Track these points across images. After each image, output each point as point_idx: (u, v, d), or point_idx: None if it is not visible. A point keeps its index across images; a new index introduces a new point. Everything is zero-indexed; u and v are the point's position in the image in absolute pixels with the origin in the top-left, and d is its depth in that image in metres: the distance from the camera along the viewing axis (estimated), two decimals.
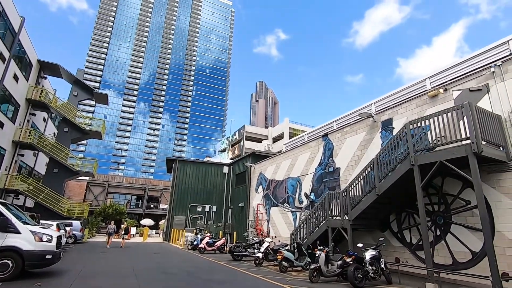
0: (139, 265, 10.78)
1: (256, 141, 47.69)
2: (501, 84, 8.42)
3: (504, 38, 8.87)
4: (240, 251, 12.99)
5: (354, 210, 10.61)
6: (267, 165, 21.11)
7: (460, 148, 7.64)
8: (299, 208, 16.57)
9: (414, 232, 10.24)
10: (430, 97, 10.35)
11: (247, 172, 23.78)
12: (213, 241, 16.43)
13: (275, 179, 19.60)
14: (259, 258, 11.44)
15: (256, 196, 21.89)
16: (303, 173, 16.73)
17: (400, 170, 9.14)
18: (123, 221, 36.39)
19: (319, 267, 8.33)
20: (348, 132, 13.97)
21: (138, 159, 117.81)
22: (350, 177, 13.28)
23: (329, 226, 11.57)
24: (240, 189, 24.92)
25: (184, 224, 25.05)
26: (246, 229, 21.63)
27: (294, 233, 13.89)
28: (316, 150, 15.96)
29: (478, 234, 8.41)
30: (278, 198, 18.74)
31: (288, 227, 17.23)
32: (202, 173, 27.41)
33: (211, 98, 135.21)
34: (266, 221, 19.82)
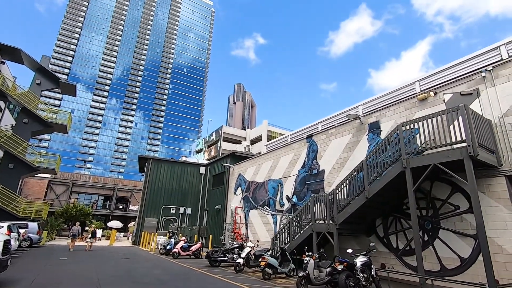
0: (104, 273, 9.57)
1: (233, 142, 46.82)
2: (492, 89, 8.40)
3: (496, 44, 8.93)
4: (218, 256, 12.10)
5: (341, 214, 10.18)
6: (247, 166, 20.39)
7: (455, 151, 7.43)
8: (280, 211, 16.00)
9: (401, 237, 10.00)
10: (419, 100, 10.23)
11: (226, 173, 22.89)
12: (188, 245, 15.36)
13: (255, 181, 18.92)
14: (240, 264, 10.66)
15: (234, 198, 21.06)
16: (285, 175, 16.21)
17: (391, 173, 8.83)
18: (88, 223, 33.83)
19: (308, 275, 7.73)
20: (334, 134, 13.66)
21: (107, 157, 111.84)
22: (335, 179, 12.94)
23: (314, 230, 11.07)
24: (217, 190, 23.94)
25: (156, 227, 23.56)
26: (223, 233, 20.70)
27: (276, 237, 13.26)
28: (300, 151, 15.52)
29: (467, 240, 8.28)
30: (258, 201, 18.07)
31: (268, 230, 16.59)
32: (177, 173, 26.08)
33: (188, 97, 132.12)
34: (244, 224, 19.04)
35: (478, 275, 7.84)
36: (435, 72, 10.55)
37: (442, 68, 10.28)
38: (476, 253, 8.00)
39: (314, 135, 14.83)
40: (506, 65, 8.25)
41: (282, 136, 18.86)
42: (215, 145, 48.39)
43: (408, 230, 9.81)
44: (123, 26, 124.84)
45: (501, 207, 7.72)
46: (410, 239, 9.68)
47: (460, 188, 8.66)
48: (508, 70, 8.16)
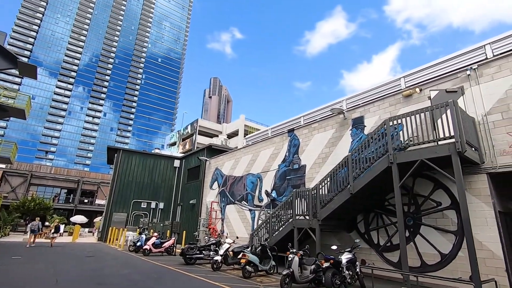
0: (64, 274, 8.54)
1: (209, 136, 45.70)
2: (476, 88, 8.48)
3: (481, 43, 9.05)
4: (194, 253, 11.42)
5: (324, 210, 9.93)
6: (224, 160, 19.71)
7: (443, 147, 7.37)
8: (258, 206, 15.57)
9: (382, 233, 9.96)
10: (404, 97, 10.20)
11: (202, 166, 22.04)
12: (160, 241, 14.45)
13: (233, 175, 18.33)
14: (218, 262, 10.07)
15: (210, 192, 20.32)
16: (265, 169, 15.79)
17: (377, 168, 8.67)
18: (49, 217, 31.32)
19: (292, 273, 7.35)
20: (316, 128, 13.41)
21: (71, 148, 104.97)
22: (317, 175, 12.72)
23: (295, 226, 10.75)
24: (192, 185, 23.03)
25: (125, 222, 22.19)
26: (197, 228, 19.92)
27: (255, 233, 12.81)
28: (281, 146, 15.15)
29: (448, 236, 8.35)
30: (236, 196, 17.51)
31: (245, 226, 16.12)
32: (149, 166, 24.74)
33: (162, 89, 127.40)
34: (220, 219, 18.41)
35: (458, 271, 7.93)
36: (420, 69, 10.59)
37: (427, 65, 10.33)
38: (456, 249, 8.08)
39: (296, 129, 14.52)
40: (490, 64, 8.35)
41: (262, 130, 18.41)
42: (190, 139, 46.96)
43: (389, 226, 9.79)
44: (93, 10, 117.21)
45: (482, 203, 7.82)
46: (391, 235, 9.66)
47: (442, 185, 8.72)
48: (493, 69, 8.27)
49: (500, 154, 7.72)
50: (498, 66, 8.18)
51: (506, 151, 7.64)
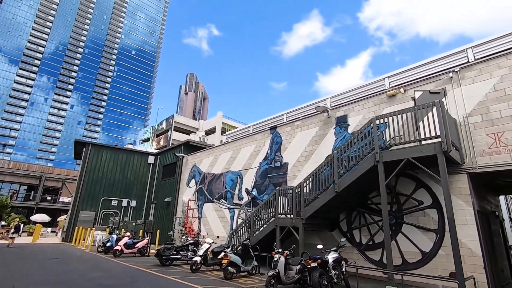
0: (23, 279, 7.61)
1: (185, 133, 44.46)
2: (458, 90, 8.70)
3: (464, 46, 9.31)
4: (170, 254, 10.78)
5: (308, 208, 9.76)
6: (202, 157, 19.07)
7: (429, 147, 7.44)
8: (238, 205, 15.16)
9: (364, 232, 9.98)
10: (388, 96, 10.29)
11: (178, 163, 21.19)
12: (133, 241, 13.58)
13: (211, 172, 17.76)
14: (197, 263, 9.55)
15: (187, 190, 19.57)
16: (246, 167, 15.41)
17: (363, 167, 8.63)
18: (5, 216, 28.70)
19: (278, 273, 7.06)
20: (300, 126, 13.26)
21: (33, 142, 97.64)
22: (299, 173, 12.57)
23: (278, 225, 10.50)
24: (167, 182, 22.09)
25: (93, 221, 20.77)
26: (172, 228, 19.11)
27: (234, 232, 12.41)
28: (262, 143, 14.85)
29: (429, 234, 8.49)
30: (214, 194, 16.97)
31: (224, 225, 15.65)
32: (121, 161, 23.39)
33: (135, 82, 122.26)
34: (197, 218, 17.77)
35: (438, 269, 8.07)
36: (404, 69, 10.75)
37: (411, 66, 10.51)
38: (437, 247, 8.22)
39: (279, 126, 14.29)
40: (472, 67, 8.60)
41: (243, 127, 18.00)
42: (165, 135, 45.41)
43: (372, 225, 9.83)
44: None
45: (462, 202, 8.01)
46: (373, 234, 9.70)
47: (424, 184, 8.86)
48: (474, 73, 8.51)
49: (480, 154, 7.95)
50: (479, 70, 8.44)
51: (486, 152, 7.88)
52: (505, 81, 7.93)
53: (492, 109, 8.00)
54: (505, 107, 7.79)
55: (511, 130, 7.59)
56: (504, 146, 7.62)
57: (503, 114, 7.79)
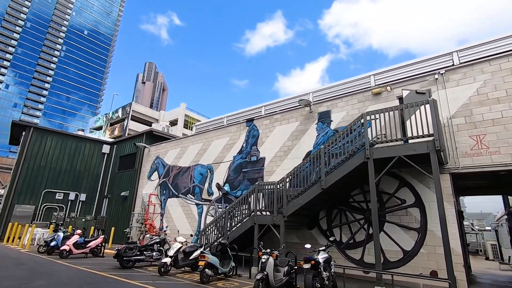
0: None
1: (144, 123, 41.47)
2: (442, 91, 8.86)
3: (449, 50, 9.53)
4: (133, 254, 9.43)
5: (291, 205, 9.24)
6: (168, 148, 17.57)
7: (422, 145, 7.36)
8: (207, 200, 14.14)
9: (345, 230, 9.77)
10: (373, 94, 10.22)
11: (139, 154, 19.32)
12: (84, 240, 11.78)
13: (177, 165, 16.41)
14: (167, 264, 8.41)
15: (148, 184, 17.88)
16: (218, 160, 14.44)
17: (352, 163, 8.34)
18: None
19: (267, 276, 6.37)
20: (279, 120, 12.72)
21: None
22: (277, 168, 12.04)
23: (256, 223, 9.82)
24: (125, 174, 20.03)
25: (32, 217, 17.92)
26: (129, 225, 17.32)
27: (206, 230, 11.43)
28: (237, 136, 14.02)
29: (411, 233, 8.51)
30: (180, 188, 15.68)
31: (191, 222, 14.50)
32: (70, 149, 20.62)
33: (87, 66, 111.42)
34: (159, 214, 16.28)
35: (419, 267, 8.10)
36: (390, 68, 10.80)
37: (398, 65, 10.57)
38: (418, 246, 8.26)
39: (256, 119, 13.59)
40: (456, 70, 8.81)
41: (216, 118, 16.93)
42: (121, 124, 41.85)
43: (353, 223, 9.65)
44: None
45: (445, 202, 8.07)
46: (354, 232, 9.53)
47: (407, 183, 8.89)
48: (458, 76, 8.73)
49: (462, 155, 8.14)
50: (464, 73, 8.67)
51: (468, 153, 8.08)
52: (487, 86, 8.21)
53: (475, 112, 8.24)
54: (487, 111, 8.06)
55: (492, 133, 7.86)
56: (485, 148, 7.87)
57: (485, 117, 8.05)
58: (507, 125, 7.70)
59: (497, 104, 7.98)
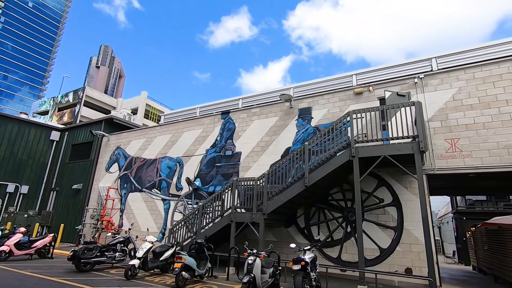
0: None
1: (99, 110, 38.05)
2: (421, 95, 9.17)
3: (429, 55, 9.92)
4: (93, 256, 8.27)
5: (271, 203, 8.88)
6: (131, 138, 16.10)
7: (407, 145, 7.49)
8: (176, 196, 13.19)
9: (323, 229, 9.70)
10: (355, 93, 10.28)
11: (96, 143, 17.44)
12: (29, 239, 10.14)
13: (142, 157, 15.10)
14: (135, 267, 7.49)
15: (106, 176, 16.22)
16: (188, 153, 13.54)
17: (337, 161, 8.24)
18: None
19: (254, 279, 5.91)
20: (257, 114, 12.27)
21: None
22: (254, 164, 11.61)
23: (233, 220, 9.30)
24: (78, 165, 17.95)
25: None
26: (82, 221, 15.55)
27: (175, 228, 10.59)
28: (211, 128, 13.27)
29: (388, 232, 8.69)
30: (144, 182, 14.44)
31: (156, 219, 13.42)
32: (10, 134, 17.88)
33: (30, 42, 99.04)
34: (119, 210, 14.85)
35: (395, 264, 8.31)
36: (373, 69, 10.96)
37: (380, 67, 10.76)
38: (394, 244, 8.46)
39: (233, 111, 12.98)
40: (435, 76, 9.19)
41: (188, 108, 15.87)
42: (71, 109, 37.86)
43: (331, 221, 9.62)
44: None
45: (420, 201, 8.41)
46: (332, 231, 9.50)
47: (386, 182, 9.06)
48: (436, 81, 9.10)
49: (438, 157, 8.50)
50: (441, 79, 9.06)
51: (443, 155, 8.46)
52: (462, 93, 8.67)
53: (450, 117, 8.65)
54: (461, 116, 8.51)
55: (465, 137, 8.31)
56: (459, 151, 8.30)
57: (459, 122, 8.49)
58: (479, 131, 8.20)
59: (470, 111, 8.45)
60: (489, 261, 10.71)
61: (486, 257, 11.14)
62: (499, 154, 7.84)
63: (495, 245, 9.85)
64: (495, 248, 9.86)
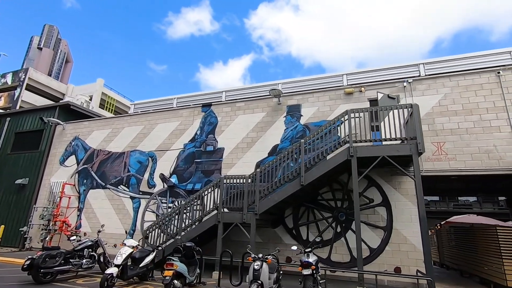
0: None
1: (45, 96, 33.72)
2: (410, 99, 9.44)
3: (417, 61, 10.29)
4: (55, 264, 6.92)
5: (264, 202, 8.40)
6: (92, 128, 14.29)
7: (405, 147, 7.58)
8: (148, 193, 11.96)
9: (312, 229, 9.48)
10: (346, 93, 10.27)
11: (47, 132, 15.17)
12: None
13: (106, 149, 13.48)
14: (113, 276, 6.39)
15: (60, 170, 14.17)
16: (163, 147, 12.40)
17: (334, 161, 8.06)
18: None
19: (262, 286, 5.37)
20: (242, 108, 11.67)
21: None
22: (238, 161, 11.01)
23: (221, 221, 8.61)
24: (23, 156, 15.44)
25: None
26: (28, 222, 13.37)
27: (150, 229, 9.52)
28: (190, 121, 12.32)
29: (378, 231, 8.76)
30: (109, 178, 12.89)
31: (123, 219, 12.03)
32: None
33: None
34: (77, 209, 13.04)
35: (384, 264, 8.40)
36: (363, 70, 11.07)
37: (370, 68, 10.92)
38: (384, 244, 8.56)
39: (215, 105, 12.18)
40: (422, 81, 9.54)
41: (163, 98, 14.53)
42: (9, 93, 32.92)
43: (320, 222, 9.44)
44: None
45: (409, 202, 8.65)
46: (322, 231, 9.32)
47: (375, 183, 9.15)
48: (424, 86, 9.46)
49: (425, 160, 8.80)
50: (428, 85, 9.44)
51: (430, 158, 8.79)
52: (447, 99, 9.11)
53: (436, 121, 9.03)
54: (447, 121, 8.93)
55: (450, 141, 8.73)
56: (444, 154, 8.68)
57: (445, 126, 8.90)
58: (462, 135, 8.67)
59: (454, 116, 8.91)
60: (455, 257, 11.54)
61: (452, 253, 12.00)
62: (480, 158, 8.36)
63: (464, 243, 10.58)
64: (464, 245, 10.61)
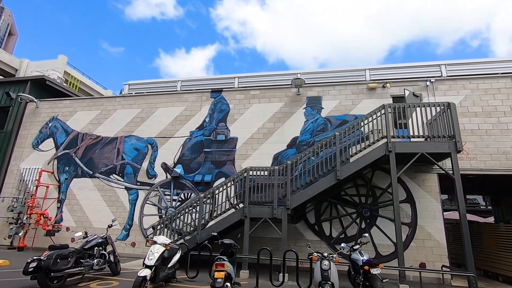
0: None
1: None
2: (432, 98, 9.62)
3: (438, 62, 10.46)
4: (68, 266, 5.68)
5: (297, 196, 7.92)
6: (75, 108, 12.46)
7: (444, 144, 7.62)
8: (147, 184, 10.73)
9: (336, 225, 9.22)
10: (369, 88, 10.14)
11: (16, 109, 12.90)
12: None
13: (94, 133, 11.83)
14: (146, 280, 5.38)
15: (33, 155, 12.13)
16: (165, 134, 11.22)
17: (372, 155, 7.86)
18: None
19: (333, 286, 4.90)
20: (258, 96, 10.98)
21: None
22: (253, 152, 10.37)
23: (247, 215, 7.94)
24: None
25: None
26: None
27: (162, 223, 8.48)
28: (197, 107, 11.29)
29: (402, 228, 8.72)
30: (98, 165, 11.33)
31: (116, 212, 10.65)
32: None
33: None
34: (56, 200, 11.26)
35: (409, 260, 8.41)
36: (385, 67, 11.00)
37: (392, 65, 10.89)
38: (409, 240, 8.60)
39: (226, 91, 11.30)
40: (444, 82, 9.75)
41: (165, 79, 13.10)
42: None
43: (344, 217, 9.22)
44: None
45: (432, 199, 8.79)
46: (346, 227, 9.11)
47: (399, 179, 9.13)
48: (445, 87, 9.68)
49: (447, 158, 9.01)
50: (449, 85, 9.68)
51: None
52: (468, 100, 9.42)
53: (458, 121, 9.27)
54: (467, 122, 9.23)
55: (471, 141, 9.04)
56: (465, 154, 8.96)
57: (466, 127, 9.18)
58: (482, 137, 9.02)
59: (474, 117, 9.24)
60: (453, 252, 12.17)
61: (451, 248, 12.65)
62: (498, 159, 8.77)
63: None
64: None
